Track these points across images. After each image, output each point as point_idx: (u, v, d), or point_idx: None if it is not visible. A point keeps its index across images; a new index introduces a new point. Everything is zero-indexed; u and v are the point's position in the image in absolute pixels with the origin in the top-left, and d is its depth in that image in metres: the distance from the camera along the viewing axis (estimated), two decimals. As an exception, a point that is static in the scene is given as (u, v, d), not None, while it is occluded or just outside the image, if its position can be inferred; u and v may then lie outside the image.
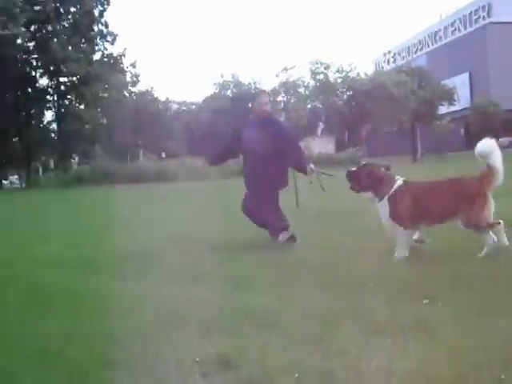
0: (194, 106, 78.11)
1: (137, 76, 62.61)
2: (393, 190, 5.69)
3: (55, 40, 47.25)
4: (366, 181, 5.84)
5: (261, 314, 3.94)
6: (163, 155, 57.68)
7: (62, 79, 50.39)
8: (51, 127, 52.84)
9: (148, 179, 34.90)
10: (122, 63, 53.98)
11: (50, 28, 48.47)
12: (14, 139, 50.48)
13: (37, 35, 48.27)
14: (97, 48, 51.53)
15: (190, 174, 33.39)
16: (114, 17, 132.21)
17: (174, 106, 79.28)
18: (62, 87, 50.67)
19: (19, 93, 47.08)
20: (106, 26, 51.37)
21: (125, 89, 59.63)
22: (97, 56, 51.32)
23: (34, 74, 50.21)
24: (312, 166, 7.03)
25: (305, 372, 2.91)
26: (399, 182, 5.76)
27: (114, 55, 52.62)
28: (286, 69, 65.29)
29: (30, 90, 49.93)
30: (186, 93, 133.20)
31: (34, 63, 49.76)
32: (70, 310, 4.39)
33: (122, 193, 19.50)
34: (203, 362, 3.12)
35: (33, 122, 49.63)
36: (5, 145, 47.26)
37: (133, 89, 63.75)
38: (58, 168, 46.31)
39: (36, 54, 48.94)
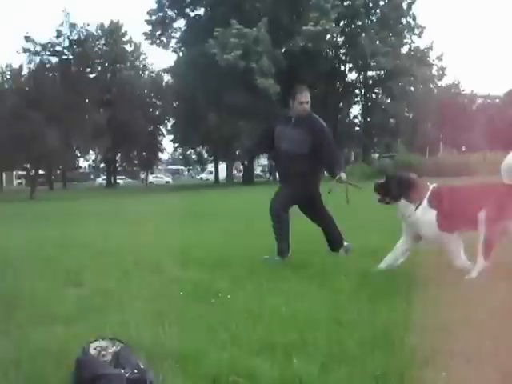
0: (497, 100, 74.75)
1: (443, 69, 61.02)
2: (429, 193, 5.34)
3: (364, 34, 48.08)
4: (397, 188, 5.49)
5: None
6: (463, 149, 55.12)
7: (369, 73, 51.32)
8: (356, 121, 54.08)
9: (446, 173, 33.17)
10: (428, 56, 52.98)
11: (359, 23, 49.60)
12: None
13: (346, 30, 49.71)
14: (404, 41, 51.14)
15: (491, 169, 30.90)
16: (421, 9, 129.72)
17: (479, 100, 75.50)
18: (370, 81, 51.50)
19: (328, 87, 48.75)
20: (414, 18, 50.81)
21: (431, 82, 58.35)
22: (404, 49, 51.13)
23: (342, 68, 51.97)
24: (343, 174, 6.66)
25: None
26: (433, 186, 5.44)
27: (421, 48, 51.81)
28: None
29: (338, 84, 51.69)
30: (490, 85, 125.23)
31: (343, 58, 51.44)
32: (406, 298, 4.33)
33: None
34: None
35: (339, 115, 51.28)
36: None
37: (439, 82, 62.35)
38: (358, 161, 47.11)
39: (345, 48, 50.57)
